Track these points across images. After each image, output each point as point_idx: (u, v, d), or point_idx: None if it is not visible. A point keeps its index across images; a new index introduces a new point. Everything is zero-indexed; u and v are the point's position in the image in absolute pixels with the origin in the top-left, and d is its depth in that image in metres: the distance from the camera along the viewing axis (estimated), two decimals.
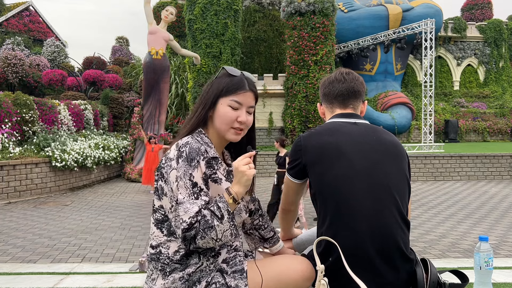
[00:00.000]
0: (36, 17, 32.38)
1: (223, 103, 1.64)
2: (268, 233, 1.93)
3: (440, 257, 5.54)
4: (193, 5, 18.42)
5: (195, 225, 1.44)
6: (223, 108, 1.64)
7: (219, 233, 1.46)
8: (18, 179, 10.64)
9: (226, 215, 1.47)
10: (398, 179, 1.75)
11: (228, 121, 1.64)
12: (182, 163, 1.52)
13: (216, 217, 1.46)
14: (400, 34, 20.82)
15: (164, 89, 15.18)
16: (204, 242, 1.46)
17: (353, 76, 1.95)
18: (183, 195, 1.48)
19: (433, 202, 10.15)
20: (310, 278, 1.70)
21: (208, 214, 1.45)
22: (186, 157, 1.52)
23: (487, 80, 27.22)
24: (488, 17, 29.48)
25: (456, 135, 23.42)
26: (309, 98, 19.17)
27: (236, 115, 1.65)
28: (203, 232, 1.44)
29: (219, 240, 1.48)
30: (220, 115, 1.64)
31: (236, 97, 1.65)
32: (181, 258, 1.56)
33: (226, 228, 1.48)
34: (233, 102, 1.64)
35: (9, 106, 11.49)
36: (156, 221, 1.63)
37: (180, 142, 1.58)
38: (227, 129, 1.65)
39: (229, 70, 1.70)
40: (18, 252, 5.88)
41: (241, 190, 1.54)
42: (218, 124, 1.66)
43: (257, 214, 1.91)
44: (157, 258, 1.58)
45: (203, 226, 1.43)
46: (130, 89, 23.50)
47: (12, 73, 22.52)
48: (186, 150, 1.54)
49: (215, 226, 1.45)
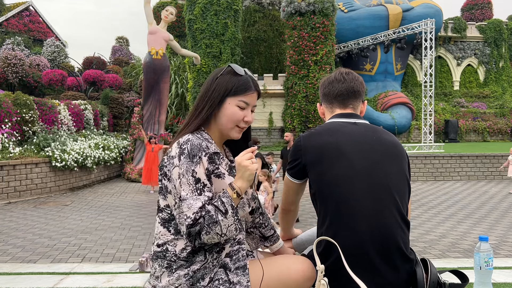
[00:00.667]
0: (36, 17, 32.38)
1: (231, 102, 1.66)
2: (268, 231, 1.94)
3: (440, 257, 5.54)
4: (193, 5, 18.42)
5: (199, 220, 1.44)
6: (231, 108, 1.66)
7: (223, 228, 1.46)
8: (18, 179, 10.64)
9: (230, 210, 1.48)
10: (398, 179, 1.75)
11: (235, 121, 1.66)
12: (184, 160, 1.52)
13: (220, 212, 1.46)
14: (400, 34, 20.82)
15: (164, 89, 15.18)
16: (209, 238, 1.46)
17: (353, 76, 1.95)
18: (186, 191, 1.49)
19: (433, 202, 10.15)
20: (311, 278, 1.70)
21: (212, 209, 1.46)
22: (188, 154, 1.53)
23: (487, 80, 27.23)
24: (488, 17, 29.49)
25: (456, 135, 23.42)
26: (309, 98, 19.17)
27: (243, 114, 1.67)
28: (208, 227, 1.44)
29: (224, 235, 1.48)
30: (227, 114, 1.66)
31: (244, 98, 1.67)
32: (188, 256, 1.56)
33: (231, 222, 1.48)
34: (242, 102, 1.67)
35: (9, 106, 11.49)
36: (162, 221, 1.63)
37: (181, 140, 1.58)
38: (232, 127, 1.68)
39: (235, 68, 1.70)
40: (18, 252, 5.88)
41: (244, 185, 1.55)
42: (224, 123, 1.67)
43: (258, 212, 1.92)
44: (163, 255, 1.58)
45: (208, 221, 1.44)
46: (130, 89, 23.50)
47: (12, 73, 22.52)
48: (188, 147, 1.54)
49: (220, 221, 1.45)
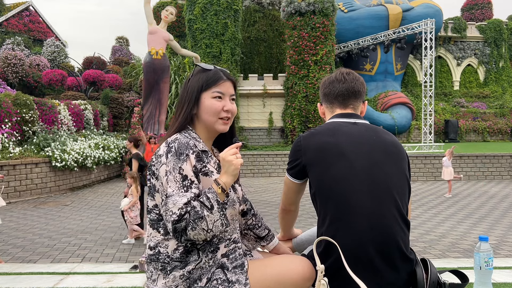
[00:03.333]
0: (36, 17, 32.37)
1: (206, 97, 1.68)
2: (262, 231, 1.94)
3: (440, 257, 5.54)
4: (193, 5, 18.42)
5: (185, 216, 1.44)
6: (208, 101, 1.67)
7: (209, 223, 1.46)
8: (18, 179, 10.64)
9: (215, 205, 1.48)
10: (398, 179, 1.75)
11: (215, 112, 1.67)
12: (171, 158, 1.53)
13: (206, 208, 1.46)
14: (400, 34, 20.82)
15: (164, 89, 15.14)
16: (195, 234, 1.45)
17: (353, 76, 1.95)
18: (172, 188, 1.49)
19: (433, 202, 10.15)
20: (310, 278, 1.70)
21: (197, 205, 1.46)
22: (175, 152, 1.54)
23: (487, 80, 27.23)
24: (488, 17, 29.48)
25: (456, 135, 23.42)
26: (309, 98, 19.17)
27: (222, 104, 1.68)
28: (194, 223, 1.43)
29: (210, 231, 1.47)
30: (206, 108, 1.67)
31: (217, 88, 1.68)
32: (181, 256, 1.56)
33: (217, 218, 1.47)
34: (216, 93, 1.67)
35: (9, 106, 11.49)
36: (151, 222, 1.63)
37: (169, 139, 1.61)
38: (215, 120, 1.68)
39: (203, 66, 1.73)
40: (18, 252, 5.88)
41: (229, 180, 1.55)
42: (206, 118, 1.68)
43: (250, 214, 1.92)
44: (157, 258, 1.58)
45: (193, 217, 1.44)
46: (130, 89, 23.49)
47: (12, 73, 22.52)
48: (175, 145, 1.56)
49: (205, 217, 1.45)
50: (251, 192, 12.06)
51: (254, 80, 20.95)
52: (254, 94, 20.71)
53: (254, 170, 16.37)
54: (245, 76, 21.36)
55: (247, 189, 12.67)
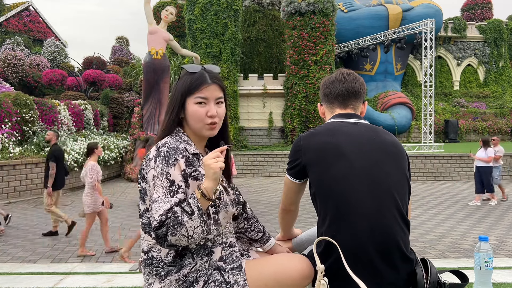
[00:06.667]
0: (36, 17, 32.38)
1: (190, 102, 1.64)
2: (256, 235, 1.92)
3: (440, 257, 5.54)
4: (193, 5, 18.42)
5: (165, 222, 1.42)
6: (191, 107, 1.64)
7: (189, 230, 1.43)
8: (18, 179, 10.64)
9: (196, 211, 1.45)
10: (398, 179, 1.76)
11: (199, 119, 1.63)
12: (159, 162, 1.52)
13: (186, 214, 1.44)
14: (400, 34, 20.82)
15: (164, 89, 15.18)
16: (176, 239, 1.44)
17: (353, 77, 1.95)
18: (158, 193, 1.48)
19: (433, 202, 10.15)
20: (308, 276, 1.70)
21: (178, 211, 1.44)
22: (164, 156, 1.53)
23: (487, 80, 27.23)
24: (488, 17, 29.49)
25: (456, 135, 23.42)
26: (309, 98, 19.18)
27: (205, 110, 1.63)
28: (173, 229, 1.42)
29: (191, 237, 1.45)
30: (191, 114, 1.64)
31: (200, 93, 1.63)
32: (174, 260, 1.56)
33: (197, 224, 1.44)
34: (199, 99, 1.63)
35: (9, 106, 11.49)
36: (143, 225, 1.63)
37: (159, 143, 1.60)
38: (201, 126, 1.65)
39: (188, 68, 1.69)
40: (18, 252, 5.88)
41: (210, 185, 1.49)
42: (192, 124, 1.66)
43: (241, 218, 1.90)
44: (150, 263, 1.59)
45: (173, 223, 1.42)
46: (130, 89, 23.50)
47: (12, 73, 22.52)
48: (164, 150, 1.54)
49: (185, 222, 1.42)
50: (251, 192, 12.05)
51: (254, 80, 20.96)
52: (254, 94, 20.71)
53: (254, 170, 16.37)
54: (245, 76, 21.36)
55: (247, 189, 12.66)
